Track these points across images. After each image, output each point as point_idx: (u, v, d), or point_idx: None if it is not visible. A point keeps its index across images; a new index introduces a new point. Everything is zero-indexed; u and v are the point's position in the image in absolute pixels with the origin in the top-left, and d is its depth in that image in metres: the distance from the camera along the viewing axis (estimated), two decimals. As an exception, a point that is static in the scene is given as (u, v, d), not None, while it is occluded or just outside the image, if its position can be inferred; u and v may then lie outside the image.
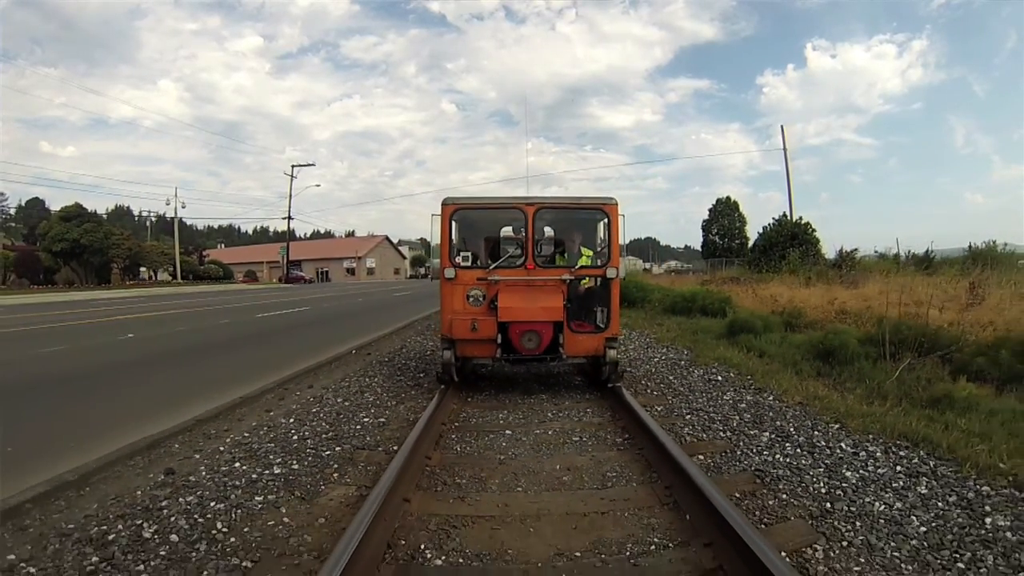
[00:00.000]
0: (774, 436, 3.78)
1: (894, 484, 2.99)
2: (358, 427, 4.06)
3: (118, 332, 10.43)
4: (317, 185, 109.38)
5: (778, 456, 3.41)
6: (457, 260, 5.08)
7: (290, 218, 49.48)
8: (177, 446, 3.73)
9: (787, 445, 3.60)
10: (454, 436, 3.92)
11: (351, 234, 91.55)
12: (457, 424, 4.21)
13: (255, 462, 3.32)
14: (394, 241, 79.66)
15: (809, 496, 2.85)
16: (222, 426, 4.14)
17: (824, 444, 3.59)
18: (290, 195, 48.47)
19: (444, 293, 4.93)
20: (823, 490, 2.92)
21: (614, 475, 3.16)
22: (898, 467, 3.22)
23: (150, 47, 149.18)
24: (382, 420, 4.26)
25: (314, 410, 4.51)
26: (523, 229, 4.98)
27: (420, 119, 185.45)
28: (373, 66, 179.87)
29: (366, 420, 4.23)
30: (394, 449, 3.39)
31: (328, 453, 3.49)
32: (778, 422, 4.08)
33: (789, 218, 28.75)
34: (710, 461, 3.37)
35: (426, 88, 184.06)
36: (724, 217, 49.32)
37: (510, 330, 4.68)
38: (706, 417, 4.28)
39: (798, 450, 3.51)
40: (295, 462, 3.32)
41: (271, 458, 3.38)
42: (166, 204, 47.28)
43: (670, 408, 4.59)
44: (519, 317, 4.65)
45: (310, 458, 3.40)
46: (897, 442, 3.60)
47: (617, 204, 4.97)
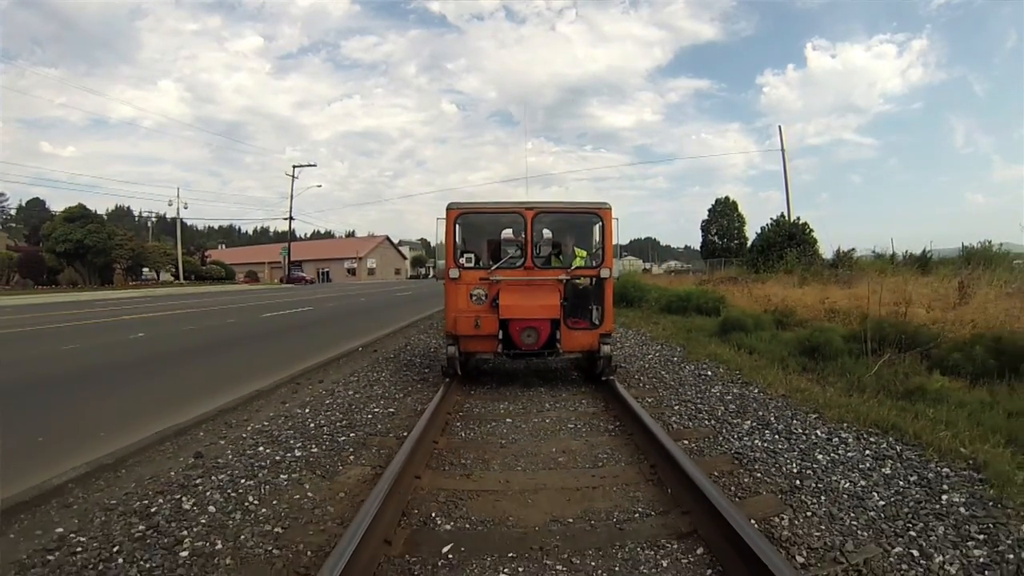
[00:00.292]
0: (755, 424, 4.08)
1: (861, 466, 3.28)
2: (369, 416, 4.36)
3: (128, 331, 10.71)
4: (318, 186, 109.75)
5: (757, 441, 3.71)
6: (461, 261, 5.37)
7: (291, 219, 49.77)
8: (202, 433, 4.02)
9: (766, 432, 3.89)
10: (459, 424, 4.22)
11: (351, 234, 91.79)
12: (461, 413, 4.51)
13: (277, 446, 3.62)
14: (394, 241, 79.92)
15: (781, 475, 3.15)
16: (242, 416, 4.44)
17: (801, 431, 3.89)
18: (291, 196, 48.67)
19: (448, 292, 5.23)
20: (795, 470, 3.21)
21: (605, 457, 3.46)
22: (867, 451, 3.51)
23: (151, 47, 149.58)
24: (391, 410, 4.56)
25: (327, 402, 4.80)
26: (523, 232, 5.28)
27: (420, 119, 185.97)
28: (373, 66, 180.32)
29: (376, 410, 4.53)
30: (404, 435, 3.68)
31: (343, 439, 3.79)
32: (760, 412, 4.37)
33: (787, 218, 28.99)
34: (694, 445, 3.66)
35: (426, 88, 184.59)
36: (723, 217, 49.54)
37: (510, 327, 4.99)
38: (693, 408, 4.57)
39: (776, 436, 3.80)
40: (314, 446, 3.62)
41: (291, 443, 3.68)
42: (168, 205, 47.55)
43: (660, 400, 4.88)
44: (519, 315, 4.95)
45: (327, 443, 3.70)
46: (869, 429, 3.89)
47: (611, 208, 5.28)
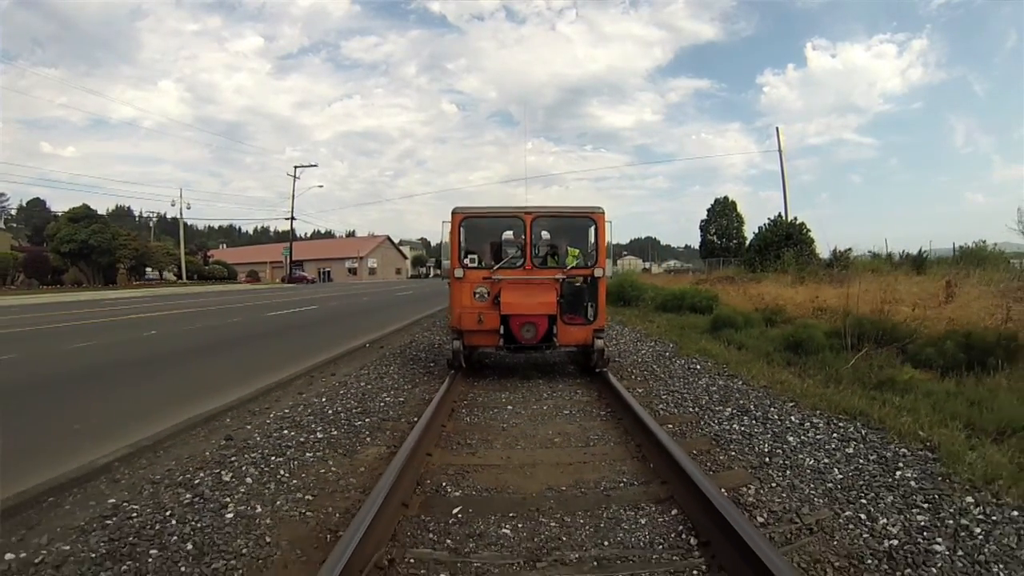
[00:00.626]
0: (735, 411, 4.45)
1: (827, 446, 3.65)
2: (382, 404, 4.74)
3: (139, 330, 11.07)
4: (320, 186, 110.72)
5: (735, 426, 4.08)
6: (465, 261, 5.75)
7: (293, 219, 50.17)
8: (229, 420, 4.40)
9: (745, 418, 4.27)
10: (464, 411, 4.60)
11: (351, 234, 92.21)
12: (466, 402, 4.89)
13: (300, 430, 3.99)
14: (395, 241, 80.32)
15: (754, 454, 3.52)
16: (263, 405, 4.82)
17: (776, 417, 4.26)
18: (293, 196, 49.08)
19: (453, 290, 5.61)
20: (766, 449, 3.59)
21: (596, 438, 3.84)
22: (834, 434, 3.88)
23: (151, 48, 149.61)
24: (401, 399, 4.93)
25: (341, 392, 5.18)
26: (522, 234, 5.66)
27: (420, 119, 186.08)
28: (374, 66, 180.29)
29: (388, 399, 4.91)
30: (414, 420, 4.05)
31: (359, 423, 4.17)
32: (741, 401, 4.75)
33: (784, 218, 29.34)
34: (677, 429, 4.04)
35: (426, 88, 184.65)
36: (722, 217, 49.90)
37: (511, 322, 5.37)
38: (680, 397, 4.95)
39: (753, 422, 4.18)
40: (333, 429, 4.00)
41: (313, 427, 4.05)
42: (171, 205, 48.04)
43: (650, 390, 5.26)
44: (519, 311, 5.34)
45: (345, 427, 4.08)
46: (839, 416, 4.26)
47: (604, 212, 5.65)
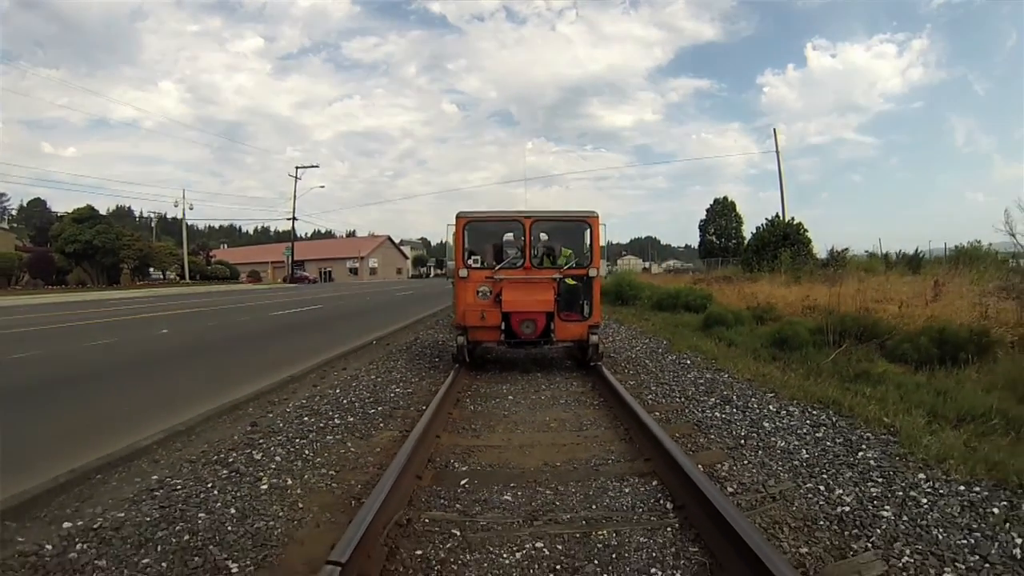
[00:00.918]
0: (718, 401, 4.83)
1: (799, 431, 4.02)
2: (392, 395, 5.12)
3: (151, 328, 11.43)
4: (321, 187, 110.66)
5: (717, 413, 4.46)
6: (469, 262, 6.13)
7: (295, 219, 50.56)
8: (251, 409, 4.77)
9: (727, 407, 4.64)
10: (468, 400, 4.99)
11: (352, 234, 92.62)
12: (470, 393, 5.28)
13: (319, 417, 4.37)
14: (395, 241, 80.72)
15: (731, 437, 3.90)
16: (282, 395, 5.19)
17: (755, 406, 4.64)
18: (294, 197, 49.49)
19: (458, 289, 5.99)
20: (743, 433, 3.96)
21: (589, 423, 4.22)
22: (807, 421, 4.25)
23: (152, 48, 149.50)
24: (410, 390, 5.31)
25: (353, 384, 5.56)
26: (522, 237, 6.04)
27: (421, 119, 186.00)
28: (374, 67, 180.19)
29: (397, 390, 5.30)
30: (423, 408, 4.42)
31: (373, 411, 4.55)
32: (725, 392, 5.12)
33: (781, 218, 29.67)
34: (663, 416, 4.41)
35: (427, 88, 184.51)
36: (721, 217, 50.27)
37: (511, 319, 5.76)
38: (668, 389, 5.33)
39: (734, 410, 4.55)
40: (349, 416, 4.38)
41: (330, 414, 4.44)
42: (174, 206, 48.27)
43: (641, 383, 5.64)
44: (519, 308, 5.72)
45: (360, 414, 4.46)
46: (814, 405, 4.63)
47: (598, 216, 6.04)
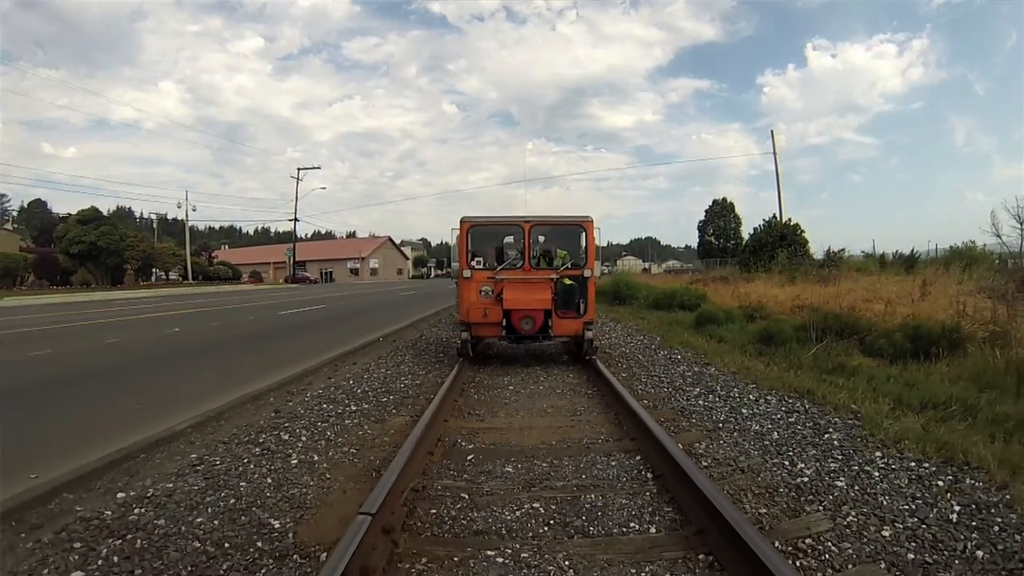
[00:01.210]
0: (703, 391, 5.24)
1: (773, 417, 4.43)
2: (402, 386, 5.54)
3: (161, 327, 11.74)
4: (323, 188, 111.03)
5: (700, 402, 4.87)
6: (472, 264, 6.55)
7: (296, 220, 50.96)
8: (272, 398, 5.18)
9: (710, 396, 5.06)
10: (472, 390, 5.41)
11: (352, 235, 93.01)
12: (474, 384, 5.69)
13: (336, 404, 4.78)
14: (396, 242, 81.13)
15: (711, 421, 4.31)
16: (299, 387, 5.60)
17: (737, 395, 5.04)
18: (296, 198, 49.82)
19: (462, 289, 6.41)
20: (721, 418, 4.37)
21: (582, 410, 4.63)
22: (782, 408, 4.65)
23: (152, 49, 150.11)
24: (418, 382, 5.73)
25: (365, 377, 5.97)
26: (522, 239, 6.46)
27: (421, 120, 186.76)
28: (374, 67, 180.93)
29: (406, 382, 5.71)
30: (431, 397, 4.83)
31: (385, 400, 4.97)
32: (710, 383, 5.53)
33: (779, 219, 30.05)
34: (651, 404, 4.82)
35: (427, 89, 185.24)
36: (720, 218, 50.73)
37: (512, 316, 6.18)
38: (658, 380, 5.74)
39: (716, 399, 4.96)
40: (364, 404, 4.79)
41: (346, 402, 4.85)
42: (177, 207, 48.78)
43: (633, 375, 6.05)
44: (519, 306, 6.14)
45: (373, 402, 4.88)
46: (791, 394, 5.04)
47: (593, 220, 6.46)
